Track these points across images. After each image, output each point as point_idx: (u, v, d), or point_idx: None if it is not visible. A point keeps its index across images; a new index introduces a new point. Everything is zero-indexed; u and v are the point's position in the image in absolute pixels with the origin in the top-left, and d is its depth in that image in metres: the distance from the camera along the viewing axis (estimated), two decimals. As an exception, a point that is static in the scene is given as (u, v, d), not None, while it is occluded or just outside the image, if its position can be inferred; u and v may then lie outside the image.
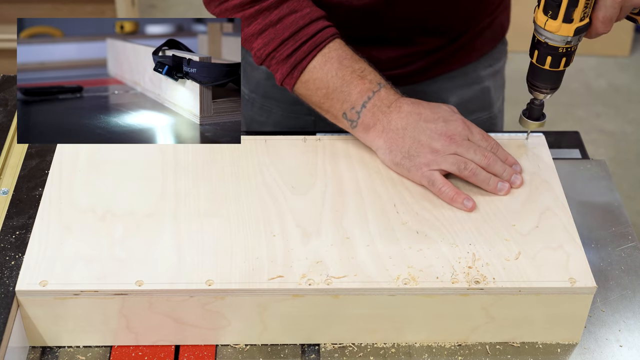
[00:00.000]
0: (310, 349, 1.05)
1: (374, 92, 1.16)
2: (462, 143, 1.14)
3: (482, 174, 1.13)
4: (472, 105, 1.46)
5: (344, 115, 1.17)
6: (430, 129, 1.14)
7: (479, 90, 1.46)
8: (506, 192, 1.13)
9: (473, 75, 1.44)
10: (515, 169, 1.16)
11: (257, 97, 1.48)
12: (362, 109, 1.16)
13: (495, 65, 1.47)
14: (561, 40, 1.08)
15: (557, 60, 1.11)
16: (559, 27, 1.07)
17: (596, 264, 1.15)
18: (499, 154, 1.16)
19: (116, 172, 1.15)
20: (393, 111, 1.16)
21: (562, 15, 1.06)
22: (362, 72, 1.17)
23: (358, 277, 1.02)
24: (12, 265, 1.04)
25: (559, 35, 1.08)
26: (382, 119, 1.16)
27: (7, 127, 1.28)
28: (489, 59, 1.45)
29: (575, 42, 1.09)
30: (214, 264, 1.03)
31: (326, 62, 1.17)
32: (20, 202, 1.14)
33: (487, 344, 1.06)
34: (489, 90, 1.47)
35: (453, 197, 1.12)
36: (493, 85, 1.48)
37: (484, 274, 1.02)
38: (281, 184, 1.14)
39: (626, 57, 3.35)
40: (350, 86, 1.16)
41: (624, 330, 1.07)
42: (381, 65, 1.22)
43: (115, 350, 1.04)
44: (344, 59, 1.17)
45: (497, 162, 1.14)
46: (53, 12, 2.86)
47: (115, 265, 1.02)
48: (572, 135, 1.38)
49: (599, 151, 2.92)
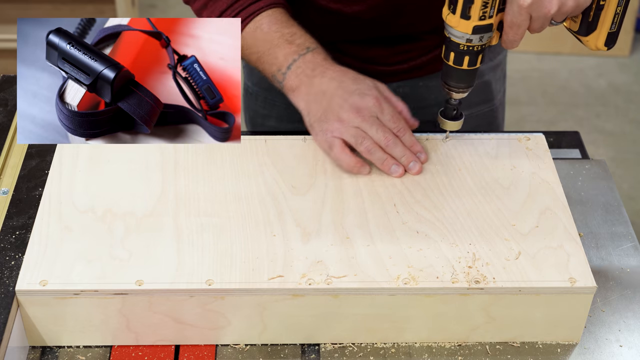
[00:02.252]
0: (310, 349, 1.05)
1: (299, 55, 1.19)
2: (368, 119, 1.14)
3: (377, 152, 1.14)
4: (474, 99, 1.46)
5: (273, 77, 1.21)
6: (344, 98, 1.15)
7: (480, 84, 1.46)
8: (399, 175, 1.15)
9: None
10: (419, 156, 1.17)
11: (260, 90, 1.49)
12: (287, 71, 1.19)
13: (496, 59, 1.47)
14: (461, 36, 1.08)
15: (460, 57, 1.11)
16: (457, 22, 1.07)
17: (596, 264, 1.15)
18: (405, 139, 1.17)
19: (116, 172, 1.15)
20: (317, 75, 1.18)
21: (459, 10, 1.06)
22: (291, 37, 1.20)
23: (358, 277, 1.02)
24: (12, 265, 1.04)
25: (458, 31, 1.08)
26: (305, 81, 1.18)
27: (7, 127, 1.28)
28: (489, 52, 1.45)
29: (476, 41, 1.09)
30: (214, 264, 1.03)
31: (256, 28, 1.21)
32: (20, 202, 1.14)
33: (487, 344, 1.06)
34: (490, 84, 1.48)
35: (352, 165, 1.13)
36: (493, 78, 1.48)
37: (484, 274, 1.02)
38: (281, 184, 1.14)
39: (626, 57, 3.34)
40: (277, 49, 1.20)
41: (624, 330, 1.07)
42: (382, 60, 1.22)
43: (115, 350, 1.04)
44: (274, 24, 1.21)
45: (397, 145, 1.15)
46: (53, 12, 2.86)
47: (115, 265, 1.02)
48: (572, 135, 1.38)
49: (599, 151, 2.92)
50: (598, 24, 1.09)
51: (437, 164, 1.18)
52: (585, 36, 1.11)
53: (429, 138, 1.22)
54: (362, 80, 1.18)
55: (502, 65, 1.51)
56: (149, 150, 1.18)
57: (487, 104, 1.49)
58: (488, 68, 1.46)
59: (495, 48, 1.47)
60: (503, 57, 1.51)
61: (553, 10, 1.05)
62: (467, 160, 1.19)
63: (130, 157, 1.17)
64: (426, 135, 1.23)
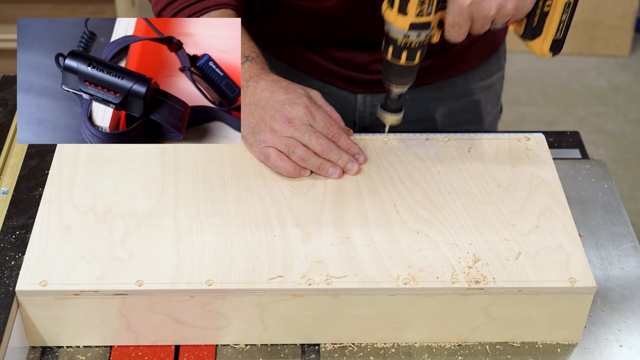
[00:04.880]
0: (310, 349, 1.05)
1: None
2: (300, 127, 1.15)
3: (312, 159, 1.14)
4: (461, 117, 1.45)
5: None
6: (275, 109, 1.15)
7: (469, 103, 1.45)
8: (337, 176, 1.15)
9: (463, 87, 1.44)
10: (357, 158, 1.17)
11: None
12: None
13: (488, 79, 1.46)
14: (398, 31, 1.08)
15: (398, 52, 1.11)
16: (395, 17, 1.07)
17: (596, 264, 1.15)
18: (341, 142, 1.17)
19: (116, 172, 1.15)
20: (250, 86, 1.18)
21: (397, 6, 1.06)
22: None
23: (358, 277, 1.02)
24: (12, 265, 1.04)
25: (396, 27, 1.08)
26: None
27: (7, 127, 1.28)
28: (480, 72, 1.44)
29: (414, 37, 1.08)
30: (214, 264, 1.03)
31: None
32: (20, 202, 1.14)
33: (487, 344, 1.06)
34: (479, 103, 1.46)
35: (291, 170, 1.14)
36: (484, 98, 1.47)
37: (484, 274, 1.02)
38: (281, 184, 1.14)
39: (626, 57, 3.34)
40: None
41: (624, 330, 1.07)
42: (365, 67, 1.21)
43: (115, 350, 1.04)
44: None
45: (332, 150, 1.15)
46: (53, 12, 2.86)
47: (115, 265, 1.02)
48: (572, 135, 1.38)
49: (599, 151, 2.92)
50: (543, 29, 1.10)
51: (437, 164, 1.18)
52: (531, 40, 1.11)
53: (429, 138, 1.22)
54: (293, 89, 1.17)
55: (495, 86, 1.50)
56: (149, 150, 1.18)
57: (476, 124, 1.48)
58: (479, 88, 1.45)
59: (489, 68, 1.45)
60: (497, 79, 1.49)
61: (492, 12, 1.05)
62: (467, 160, 1.19)
63: (130, 157, 1.17)
64: (426, 135, 1.23)
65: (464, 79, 1.43)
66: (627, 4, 3.23)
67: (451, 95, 1.43)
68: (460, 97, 1.44)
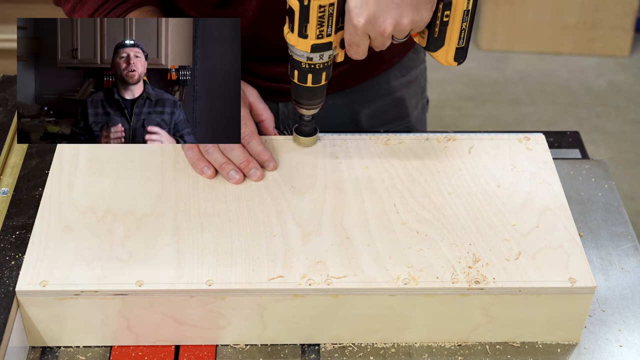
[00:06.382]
0: (310, 349, 1.05)
1: None
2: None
3: (214, 154, 1.15)
4: (387, 116, 1.45)
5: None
6: None
7: (392, 101, 1.45)
8: (236, 181, 1.14)
9: (385, 86, 1.43)
10: (267, 165, 1.16)
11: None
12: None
13: (409, 74, 1.45)
14: (301, 54, 1.08)
15: (304, 75, 1.10)
16: (297, 41, 1.06)
17: (596, 264, 1.15)
18: (251, 146, 1.16)
19: (116, 172, 1.15)
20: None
21: (296, 29, 1.05)
22: None
23: (358, 277, 1.02)
24: (12, 265, 1.04)
25: (298, 50, 1.07)
26: None
27: (7, 127, 1.28)
28: (400, 68, 1.43)
29: (317, 59, 1.08)
30: (214, 264, 1.03)
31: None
32: (20, 202, 1.14)
33: (487, 344, 1.06)
34: (403, 100, 1.46)
35: (194, 159, 1.15)
36: (407, 94, 1.46)
37: (484, 274, 1.02)
38: (281, 184, 1.14)
39: (626, 57, 3.34)
40: None
41: (624, 330, 1.07)
42: (285, 77, 1.19)
43: (115, 350, 1.04)
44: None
45: (234, 149, 1.15)
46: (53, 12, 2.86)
47: (115, 265, 1.02)
48: (572, 135, 1.38)
49: (599, 151, 2.92)
50: (445, 39, 1.09)
51: (437, 164, 1.18)
52: (434, 52, 1.11)
53: (429, 138, 1.22)
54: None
55: (418, 80, 1.49)
56: (149, 150, 1.18)
57: (402, 120, 1.48)
58: (401, 84, 1.44)
59: (408, 63, 1.44)
60: (419, 71, 1.48)
61: (388, 29, 1.04)
62: (467, 160, 1.19)
63: (130, 157, 1.17)
64: (426, 135, 1.23)
65: (385, 78, 1.42)
66: (627, 4, 3.22)
67: (374, 95, 1.43)
68: (383, 96, 1.44)
